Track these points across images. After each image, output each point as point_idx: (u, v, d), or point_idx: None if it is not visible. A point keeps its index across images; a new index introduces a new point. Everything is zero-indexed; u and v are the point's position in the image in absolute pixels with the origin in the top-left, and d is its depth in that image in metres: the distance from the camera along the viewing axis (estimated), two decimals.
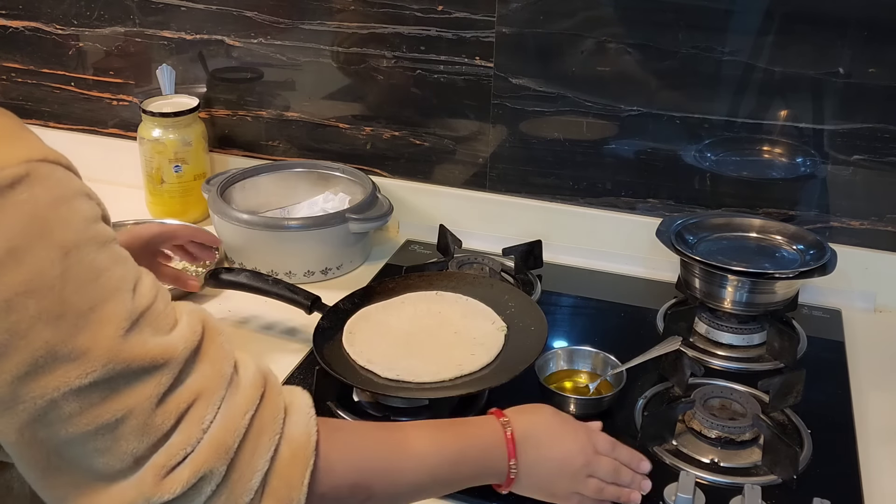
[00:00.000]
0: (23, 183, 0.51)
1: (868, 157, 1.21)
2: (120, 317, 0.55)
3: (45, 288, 0.52)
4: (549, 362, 1.05)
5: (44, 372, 0.53)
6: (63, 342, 0.53)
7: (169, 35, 1.48)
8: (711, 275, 1.12)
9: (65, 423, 0.54)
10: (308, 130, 1.47)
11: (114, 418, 0.55)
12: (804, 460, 0.92)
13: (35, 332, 0.52)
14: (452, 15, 1.31)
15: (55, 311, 0.52)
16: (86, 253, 0.54)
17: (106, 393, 0.55)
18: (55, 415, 0.54)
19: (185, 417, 0.59)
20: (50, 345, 0.52)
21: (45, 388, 0.53)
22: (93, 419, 0.55)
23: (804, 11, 1.16)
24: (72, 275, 0.53)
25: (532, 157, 1.36)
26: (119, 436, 0.56)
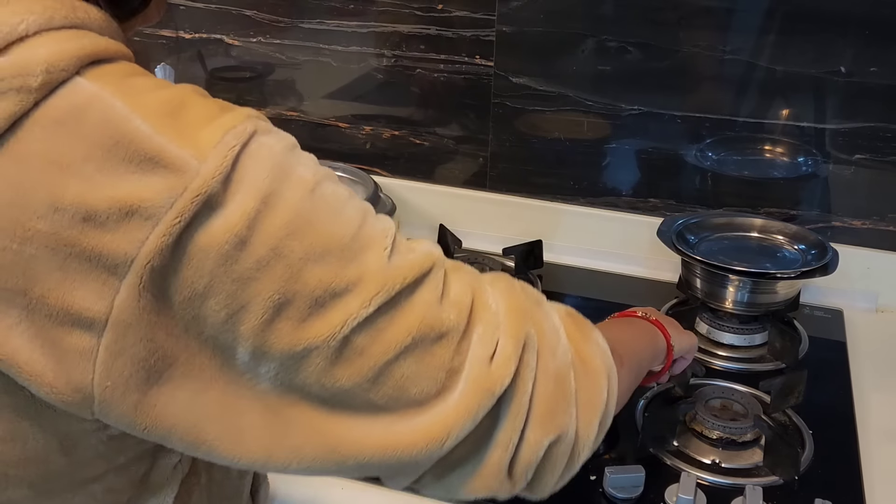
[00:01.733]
0: (255, 136, 0.51)
1: (870, 156, 1.20)
2: (378, 239, 0.54)
3: (305, 226, 0.51)
4: None
5: (325, 310, 0.51)
6: (336, 276, 0.51)
7: (167, 34, 1.48)
8: (713, 275, 1.12)
9: (362, 356, 0.52)
10: (308, 130, 1.47)
11: (409, 336, 0.53)
12: (805, 461, 0.92)
13: (307, 272, 0.50)
14: (452, 14, 1.30)
15: (320, 247, 0.51)
16: (326, 186, 0.53)
17: (392, 313, 0.53)
18: (350, 351, 0.52)
19: (474, 308, 0.57)
20: (325, 281, 0.51)
21: (333, 325, 0.51)
22: (389, 345, 0.53)
23: (806, 10, 1.16)
24: (323, 208, 0.52)
25: (532, 157, 1.36)
26: (422, 353, 0.54)
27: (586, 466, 0.90)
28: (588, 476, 0.89)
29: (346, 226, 0.53)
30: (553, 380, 0.59)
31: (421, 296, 0.55)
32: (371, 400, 0.54)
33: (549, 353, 0.60)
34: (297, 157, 0.54)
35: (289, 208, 0.50)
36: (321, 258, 0.51)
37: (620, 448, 0.95)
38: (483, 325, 0.57)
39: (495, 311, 0.58)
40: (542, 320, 0.61)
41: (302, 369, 0.52)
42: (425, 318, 0.54)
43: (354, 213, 0.54)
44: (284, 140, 0.54)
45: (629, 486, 0.86)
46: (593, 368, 0.63)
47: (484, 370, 0.56)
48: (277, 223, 0.50)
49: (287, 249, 0.50)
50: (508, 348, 0.57)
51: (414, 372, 0.54)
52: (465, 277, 0.59)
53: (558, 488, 0.63)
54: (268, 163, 0.51)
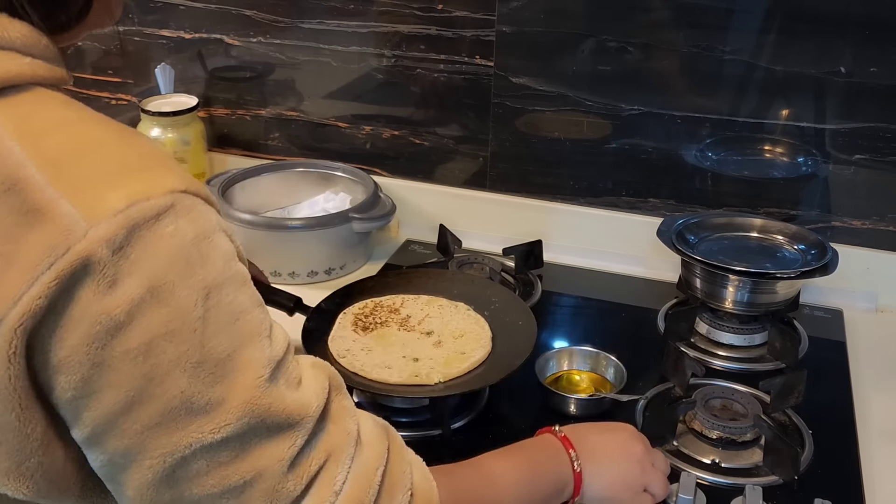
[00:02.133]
0: (168, 215, 0.47)
1: (870, 156, 1.20)
2: (258, 364, 0.51)
3: (187, 331, 0.48)
4: (550, 363, 1.04)
5: (176, 425, 0.48)
6: (200, 392, 0.48)
7: (168, 34, 1.48)
8: (712, 275, 1.12)
9: (191, 482, 0.50)
10: (307, 130, 1.47)
11: (242, 480, 0.51)
12: (805, 461, 0.92)
13: (172, 379, 0.47)
14: (452, 14, 1.30)
15: (194, 357, 0.48)
16: (226, 293, 0.50)
17: (237, 451, 0.51)
18: (182, 473, 0.50)
19: (317, 480, 0.54)
20: (186, 395, 0.48)
21: (177, 443, 0.49)
22: (220, 480, 0.50)
23: (805, 10, 1.16)
24: (212, 317, 0.49)
25: (532, 157, 1.36)
26: (245, 500, 0.51)
27: None
28: None
29: (227, 342, 0.50)
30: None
31: (273, 447, 0.52)
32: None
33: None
34: (209, 250, 0.50)
35: (176, 307, 0.47)
36: (191, 369, 0.48)
37: None
38: (314, 501, 0.54)
39: (336, 491, 0.55)
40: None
41: (128, 472, 0.49)
42: (265, 472, 0.52)
43: (245, 328, 0.51)
44: (202, 226, 0.50)
45: None
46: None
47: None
48: (159, 320, 0.47)
49: (160, 349, 0.47)
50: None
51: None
52: (333, 437, 0.56)
53: None
54: (172, 251, 0.47)
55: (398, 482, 0.59)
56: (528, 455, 0.77)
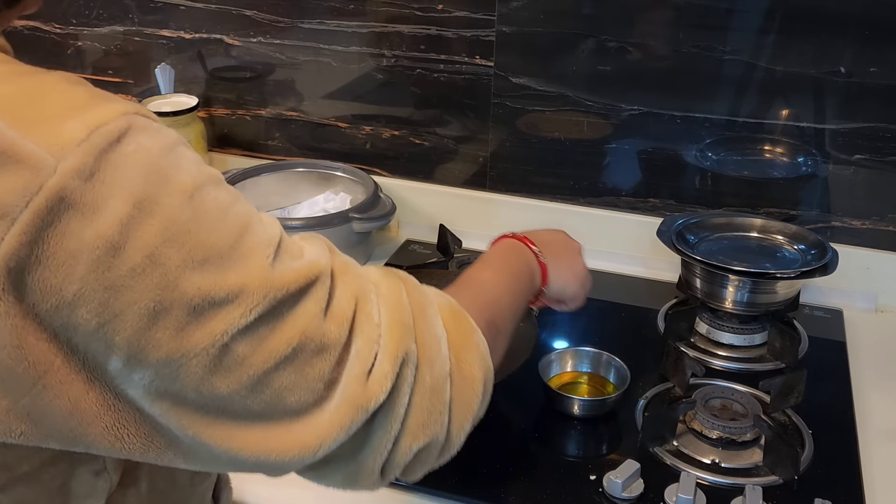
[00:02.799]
0: (128, 135, 0.49)
1: (870, 156, 1.20)
2: (261, 247, 0.53)
3: (183, 233, 0.49)
4: (553, 364, 1.04)
5: (206, 319, 0.50)
6: (216, 284, 0.50)
7: (168, 34, 1.48)
8: (712, 275, 1.12)
9: (241, 365, 0.51)
10: (307, 130, 1.47)
11: (290, 347, 0.53)
12: (805, 461, 0.92)
13: (185, 280, 0.49)
14: (452, 14, 1.30)
15: (198, 255, 0.49)
16: (207, 192, 0.51)
17: (274, 323, 0.52)
18: (230, 360, 0.51)
19: (356, 321, 0.57)
20: (203, 290, 0.49)
21: (213, 334, 0.50)
22: (269, 354, 0.52)
23: (805, 10, 1.16)
24: (202, 216, 0.50)
25: (532, 157, 1.36)
26: (301, 363, 0.54)
27: (586, 466, 0.91)
28: (588, 476, 0.90)
29: (226, 233, 0.51)
30: (429, 393, 0.60)
31: (304, 307, 0.54)
32: (248, 406, 0.53)
33: (427, 367, 0.60)
34: (177, 159, 0.51)
35: (165, 215, 0.48)
36: (200, 266, 0.49)
37: (620, 448, 0.95)
38: (363, 339, 0.57)
39: (377, 322, 0.58)
40: (424, 331, 0.61)
41: (178, 378, 0.50)
42: (307, 330, 0.54)
43: (236, 219, 0.53)
44: (163, 139, 0.51)
45: (629, 485, 0.86)
46: (470, 376, 0.64)
47: (359, 387, 0.56)
48: (153, 230, 0.48)
49: (164, 257, 0.48)
50: (386, 365, 0.57)
51: (292, 382, 0.54)
52: (351, 285, 0.59)
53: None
54: (142, 165, 0.49)
55: (422, 300, 0.63)
56: (502, 259, 0.84)
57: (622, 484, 0.85)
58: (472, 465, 0.91)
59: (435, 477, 0.89)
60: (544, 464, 0.92)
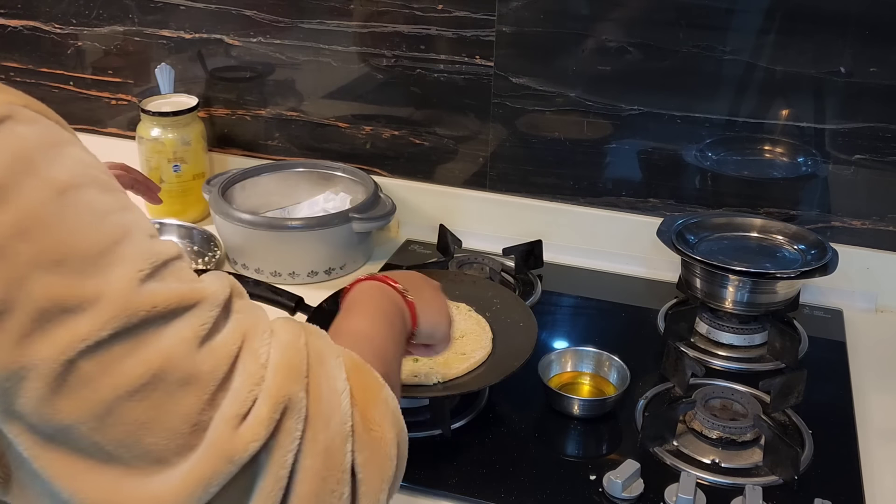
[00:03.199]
0: (5, 123, 0.46)
1: (869, 156, 1.20)
2: (136, 258, 0.47)
3: (40, 228, 0.45)
4: (553, 364, 1.04)
5: (52, 327, 0.45)
6: (69, 290, 0.45)
7: (168, 34, 1.48)
8: (712, 275, 1.12)
9: (87, 386, 0.45)
10: (307, 130, 1.47)
11: (149, 373, 0.46)
12: (805, 461, 0.92)
13: (34, 280, 0.44)
14: (452, 14, 1.30)
15: (54, 254, 0.45)
16: (85, 193, 0.47)
17: (131, 344, 0.46)
18: (74, 378, 0.45)
19: (240, 359, 0.50)
20: (53, 294, 0.44)
21: (58, 345, 0.45)
22: (121, 379, 0.46)
23: (805, 10, 1.16)
24: (70, 214, 0.46)
25: (532, 157, 1.36)
26: (162, 397, 0.47)
27: (586, 466, 0.91)
28: (588, 476, 0.90)
29: (94, 238, 0.47)
30: (322, 455, 0.52)
31: (174, 330, 0.48)
32: (97, 442, 0.47)
33: (321, 423, 0.52)
34: (58, 155, 0.48)
35: (22, 206, 0.45)
36: (53, 267, 0.45)
37: (620, 448, 0.95)
38: (242, 378, 0.50)
39: (263, 362, 0.51)
40: (320, 381, 0.54)
41: (19, 394, 0.45)
42: (172, 357, 0.47)
43: (112, 227, 0.48)
44: (48, 135, 0.48)
45: (629, 485, 0.86)
46: (380, 437, 0.56)
47: (227, 432, 0.48)
48: (6, 219, 0.44)
49: (11, 250, 0.44)
50: (263, 411, 0.49)
51: (150, 418, 0.47)
52: (243, 322, 0.53)
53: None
54: (10, 153, 0.45)
55: (325, 351, 0.56)
56: (371, 304, 0.74)
57: (622, 484, 0.85)
58: (472, 465, 0.91)
59: (435, 477, 0.90)
60: (544, 464, 0.92)
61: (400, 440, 0.58)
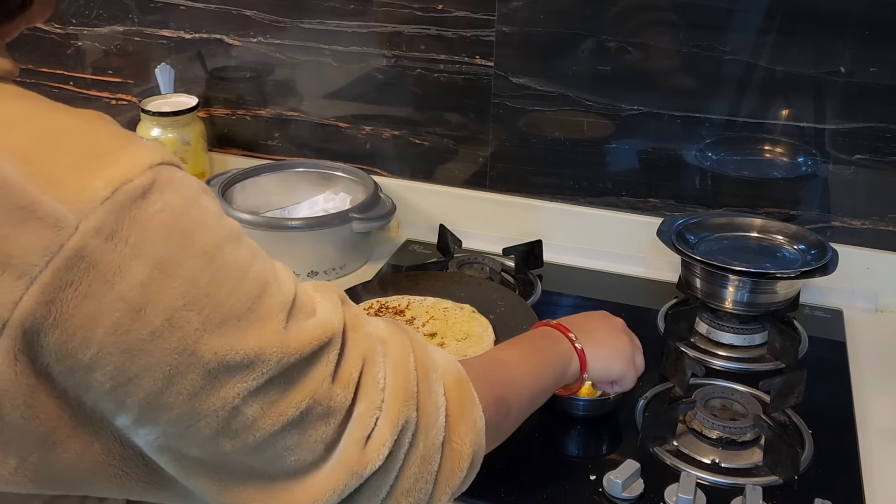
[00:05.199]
0: (153, 192, 0.47)
1: (869, 156, 1.20)
2: (277, 309, 0.53)
3: (203, 297, 0.48)
4: None
5: (219, 383, 0.49)
6: (232, 349, 0.49)
7: (168, 34, 1.48)
8: (712, 275, 1.12)
9: (250, 428, 0.51)
10: (307, 130, 1.47)
11: (298, 411, 0.53)
12: (805, 461, 0.92)
13: (202, 345, 0.48)
14: (452, 14, 1.30)
15: (217, 318, 0.49)
16: (228, 252, 0.51)
17: (284, 387, 0.52)
18: (239, 423, 0.51)
19: (361, 384, 0.57)
20: (220, 355, 0.49)
21: (225, 398, 0.50)
22: (277, 417, 0.52)
23: (805, 10, 1.16)
24: (222, 277, 0.50)
25: (532, 157, 1.36)
26: (306, 426, 0.54)
27: (586, 466, 0.91)
28: (588, 476, 0.90)
29: (244, 295, 0.51)
30: (419, 461, 0.60)
31: (315, 370, 0.54)
32: (248, 463, 0.53)
33: (423, 434, 0.60)
34: (200, 215, 0.50)
35: (187, 277, 0.48)
36: (217, 329, 0.49)
37: (620, 448, 0.95)
38: (365, 404, 0.57)
39: (381, 388, 0.58)
40: (425, 398, 0.61)
41: (185, 437, 0.50)
42: (316, 394, 0.54)
43: (255, 279, 0.52)
44: (187, 193, 0.50)
45: (629, 485, 0.86)
46: (459, 451, 0.62)
47: (355, 452, 0.56)
48: (174, 293, 0.47)
49: (183, 321, 0.47)
50: (385, 433, 0.57)
51: (295, 443, 0.54)
52: (360, 343, 0.59)
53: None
54: (166, 226, 0.47)
55: (428, 364, 0.63)
56: (532, 342, 0.82)
57: (622, 484, 0.85)
58: None
59: None
60: (544, 464, 0.92)
61: (475, 457, 0.64)
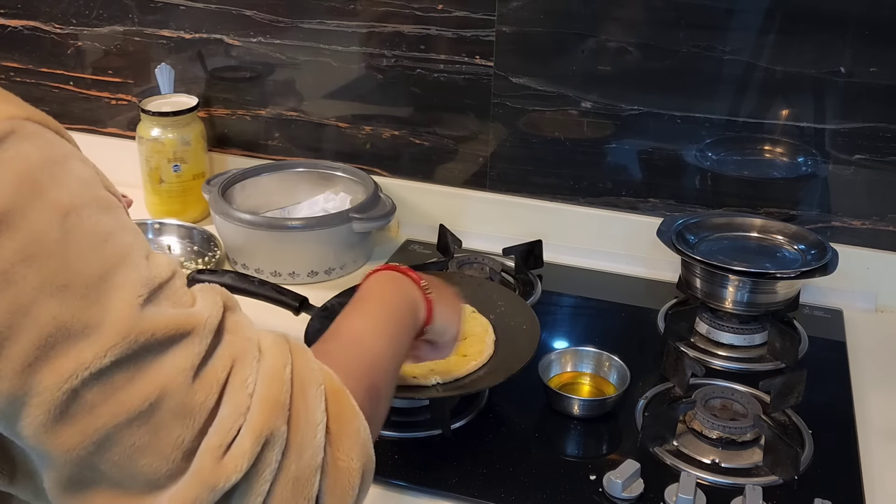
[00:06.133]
0: (9, 139, 0.46)
1: (869, 156, 1.20)
2: (135, 283, 0.49)
3: (46, 254, 0.45)
4: (553, 364, 1.04)
5: (56, 354, 0.46)
6: (73, 316, 0.46)
7: (168, 34, 1.48)
8: (712, 275, 1.12)
9: (89, 415, 0.47)
10: (307, 130, 1.47)
11: (147, 402, 0.48)
12: (805, 461, 0.92)
13: (39, 306, 0.45)
14: (452, 14, 1.30)
15: (60, 280, 0.45)
16: (87, 215, 0.48)
17: (131, 372, 0.48)
18: (77, 407, 0.47)
19: (228, 387, 0.52)
20: (59, 320, 0.45)
21: (62, 373, 0.46)
22: (122, 407, 0.48)
23: (805, 10, 1.16)
24: (74, 239, 0.47)
25: (532, 157, 1.36)
26: (158, 424, 0.49)
27: (586, 466, 0.91)
28: (588, 476, 0.90)
29: (96, 262, 0.47)
30: (292, 484, 0.53)
31: (171, 359, 0.49)
32: (94, 465, 0.49)
33: (295, 454, 0.54)
34: (61, 173, 0.48)
35: (29, 231, 0.45)
36: (58, 293, 0.46)
37: (620, 448, 0.95)
38: (229, 408, 0.52)
39: (249, 393, 0.53)
40: (300, 414, 0.55)
41: (20, 418, 0.47)
42: (169, 387, 0.49)
43: (113, 249, 0.49)
44: (50, 151, 0.48)
45: (629, 485, 0.86)
46: (347, 468, 0.57)
47: (210, 462, 0.50)
48: (13, 245, 0.45)
49: (19, 276, 0.45)
50: (247, 443, 0.51)
51: (146, 443, 0.49)
52: (233, 345, 0.54)
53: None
54: (16, 174, 0.45)
55: (308, 378, 0.57)
56: (381, 299, 0.75)
57: (622, 484, 0.85)
58: (472, 465, 0.91)
59: (435, 477, 0.90)
60: (544, 464, 0.93)
61: (365, 471, 0.59)
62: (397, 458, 0.92)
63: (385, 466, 0.90)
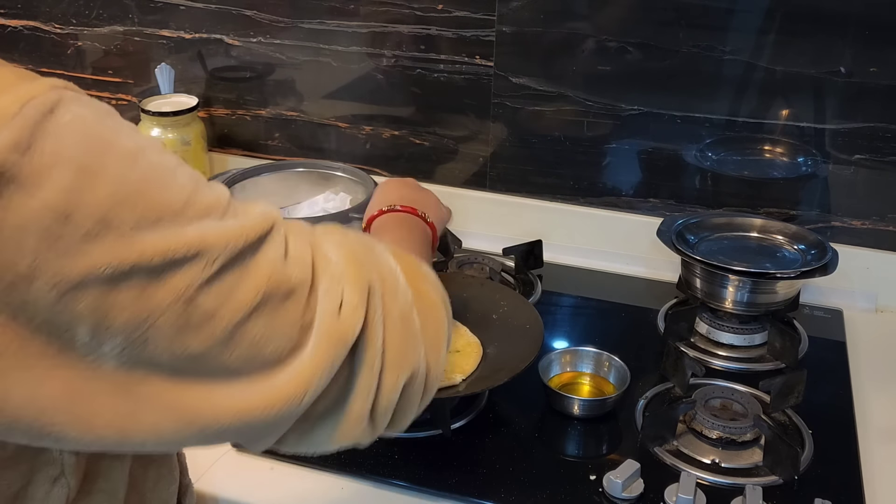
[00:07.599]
0: (61, 106, 0.48)
1: (870, 156, 1.20)
2: (213, 203, 0.53)
3: (133, 194, 0.48)
4: (553, 364, 1.04)
5: (166, 276, 0.49)
6: (174, 241, 0.49)
7: (168, 34, 1.48)
8: (712, 275, 1.12)
9: (212, 320, 0.50)
10: (307, 130, 1.47)
11: (258, 294, 0.52)
12: (805, 461, 0.92)
13: (140, 241, 0.48)
14: (452, 14, 1.30)
15: (152, 214, 0.49)
16: (151, 155, 0.51)
17: (238, 272, 0.52)
18: (198, 316, 0.50)
19: (316, 262, 0.57)
20: (161, 248, 0.48)
21: (176, 290, 0.49)
22: (239, 305, 0.51)
23: (805, 10, 1.16)
24: (150, 175, 0.50)
25: (532, 157, 1.36)
26: (272, 311, 0.53)
27: (586, 466, 0.91)
28: (588, 476, 0.90)
29: (177, 192, 0.51)
30: (399, 322, 0.60)
31: (265, 254, 0.54)
32: (225, 364, 0.52)
33: (391, 297, 0.60)
34: (116, 125, 0.51)
35: (112, 178, 0.48)
36: (154, 225, 0.49)
37: (620, 448, 0.95)
38: (327, 279, 0.57)
39: (336, 262, 0.59)
40: (380, 266, 0.62)
41: (148, 341, 0.49)
42: (272, 276, 0.53)
43: (184, 180, 0.52)
44: (97, 108, 0.51)
45: (629, 485, 0.86)
46: (431, 303, 0.65)
47: (333, 322, 0.56)
48: (101, 194, 0.47)
49: (116, 219, 0.47)
50: (354, 298, 0.57)
51: (267, 331, 0.53)
52: (301, 234, 0.59)
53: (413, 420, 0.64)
54: (80, 133, 0.48)
55: (367, 241, 0.65)
56: (398, 229, 0.87)
57: (622, 484, 0.85)
58: (472, 465, 0.91)
59: (435, 477, 0.90)
60: (544, 464, 0.92)
61: (445, 303, 0.67)
62: (397, 458, 0.92)
63: (385, 466, 0.90)
